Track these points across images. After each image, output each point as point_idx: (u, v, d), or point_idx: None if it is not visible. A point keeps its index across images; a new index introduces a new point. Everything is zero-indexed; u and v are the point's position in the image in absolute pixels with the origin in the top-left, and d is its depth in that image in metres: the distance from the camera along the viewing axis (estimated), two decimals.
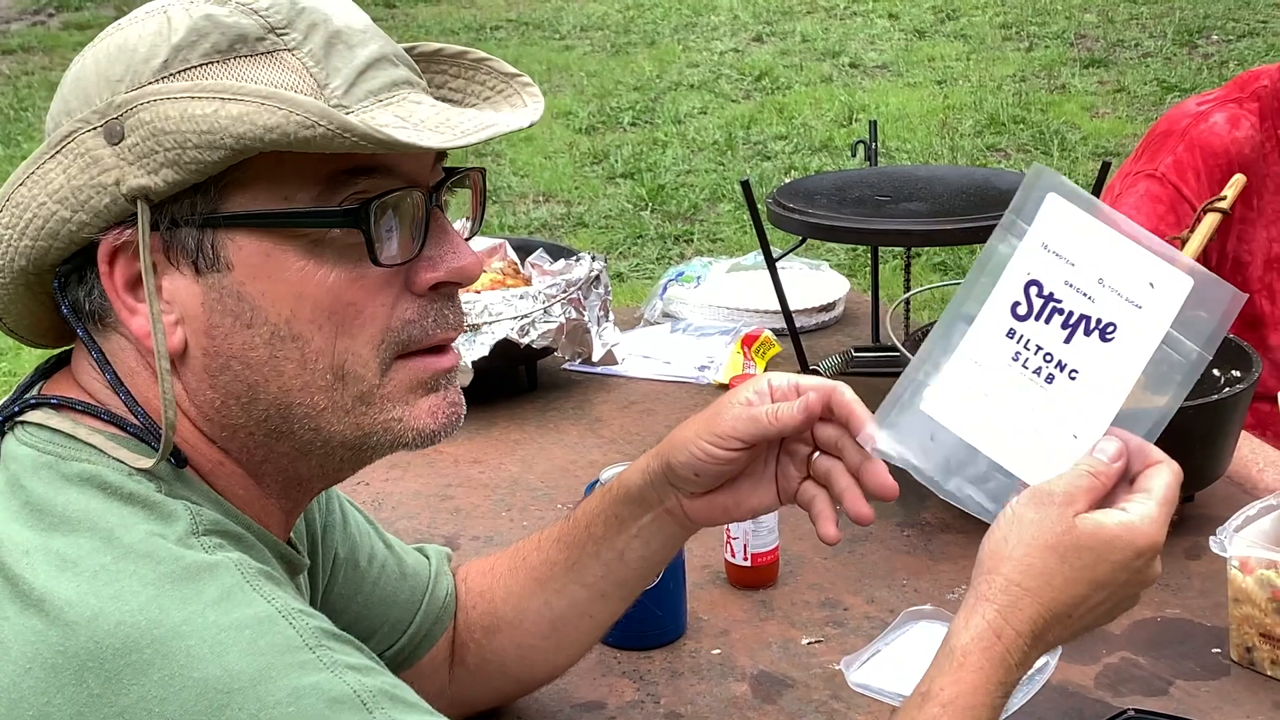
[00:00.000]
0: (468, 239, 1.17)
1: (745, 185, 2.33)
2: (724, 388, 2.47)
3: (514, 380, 2.52)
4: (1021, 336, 1.15)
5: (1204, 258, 2.31)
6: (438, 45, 1.21)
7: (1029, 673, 1.61)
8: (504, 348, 2.34)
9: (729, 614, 1.82)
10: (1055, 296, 1.14)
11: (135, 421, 1.09)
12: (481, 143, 1.08)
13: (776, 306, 2.44)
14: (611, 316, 2.55)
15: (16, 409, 1.12)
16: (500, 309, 2.34)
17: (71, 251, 1.08)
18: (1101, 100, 7.33)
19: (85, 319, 1.11)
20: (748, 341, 2.57)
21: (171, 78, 1.04)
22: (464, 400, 1.18)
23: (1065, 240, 1.14)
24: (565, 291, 2.41)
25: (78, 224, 1.06)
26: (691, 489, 1.34)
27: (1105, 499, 1.17)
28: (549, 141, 6.98)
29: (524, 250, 2.63)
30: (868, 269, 4.35)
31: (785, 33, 8.93)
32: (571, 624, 1.47)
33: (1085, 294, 1.13)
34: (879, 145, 2.73)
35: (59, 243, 1.07)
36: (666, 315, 2.85)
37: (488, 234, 2.70)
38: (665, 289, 2.90)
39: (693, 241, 5.73)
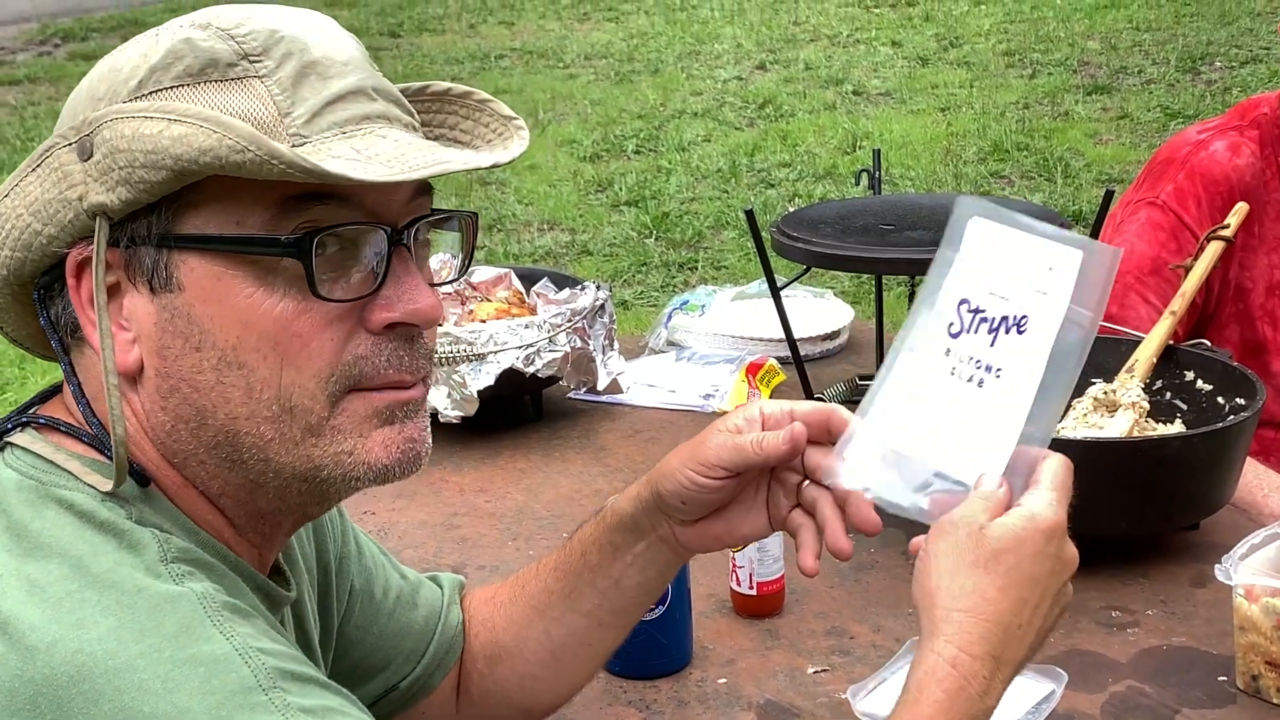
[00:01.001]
0: (455, 279, 1.17)
1: (749, 215, 2.34)
2: None
3: (519, 409, 2.53)
4: (955, 352, 1.21)
5: (1207, 285, 2.32)
6: (447, 85, 1.21)
7: (1034, 700, 1.63)
8: (509, 377, 2.34)
9: (735, 643, 1.82)
10: (980, 308, 1.20)
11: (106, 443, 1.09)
12: (436, 176, 1.06)
13: (781, 335, 2.45)
14: (616, 345, 2.56)
15: (9, 426, 1.13)
16: (505, 338, 2.35)
17: (46, 264, 1.10)
18: (1105, 127, 7.35)
19: (62, 331, 1.12)
20: (752, 370, 2.57)
21: (143, 98, 1.05)
22: (427, 438, 1.15)
23: (986, 255, 1.20)
24: (570, 321, 2.42)
25: (47, 237, 1.08)
26: (681, 516, 1.33)
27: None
28: (553, 170, 7.00)
29: (529, 279, 2.64)
30: (872, 297, 4.36)
31: (788, 61, 8.95)
32: (571, 652, 1.47)
33: (1003, 297, 1.19)
34: (883, 173, 2.73)
35: (32, 255, 1.09)
36: (671, 344, 2.86)
37: (493, 263, 2.71)
38: (670, 317, 2.91)
39: (697, 269, 5.74)
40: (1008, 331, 1.18)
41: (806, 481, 1.30)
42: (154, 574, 1.02)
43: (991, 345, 1.19)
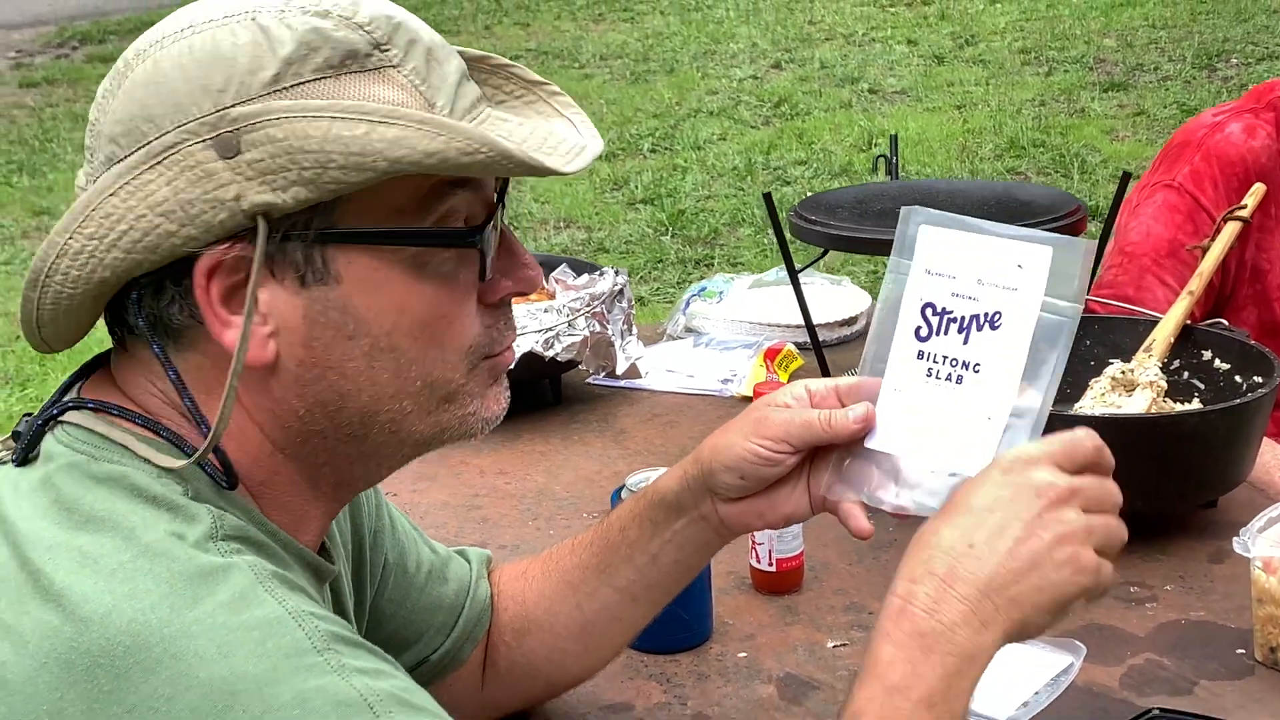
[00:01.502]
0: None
1: (768, 198, 2.35)
2: (747, 400, 2.48)
3: (539, 393, 2.54)
4: (928, 354, 1.25)
5: (1223, 266, 2.32)
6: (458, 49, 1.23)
7: (1053, 673, 1.64)
8: (529, 361, 2.36)
9: (754, 618, 1.83)
10: (947, 309, 1.24)
11: (168, 427, 1.10)
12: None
13: (798, 321, 2.46)
14: (635, 330, 2.57)
15: (56, 411, 1.12)
16: (525, 323, 2.36)
17: (163, 265, 1.05)
18: (1121, 123, 7.34)
19: (159, 331, 1.09)
20: (770, 355, 2.59)
21: (284, 91, 1.03)
22: None
23: (943, 260, 1.25)
24: (589, 305, 2.44)
25: (184, 238, 1.03)
26: (731, 494, 1.34)
27: None
28: None
29: (548, 266, 2.65)
30: None
31: (804, 59, 8.96)
32: (602, 627, 1.48)
33: (970, 296, 1.24)
34: (899, 169, 2.74)
35: (157, 256, 1.04)
36: (689, 330, 2.87)
37: None
38: (688, 304, 2.92)
39: (713, 265, 5.75)
40: (979, 329, 1.23)
41: (848, 460, 1.31)
42: (203, 548, 1.03)
43: (965, 343, 1.23)
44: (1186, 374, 2.13)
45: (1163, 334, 2.09)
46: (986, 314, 1.23)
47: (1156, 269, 2.37)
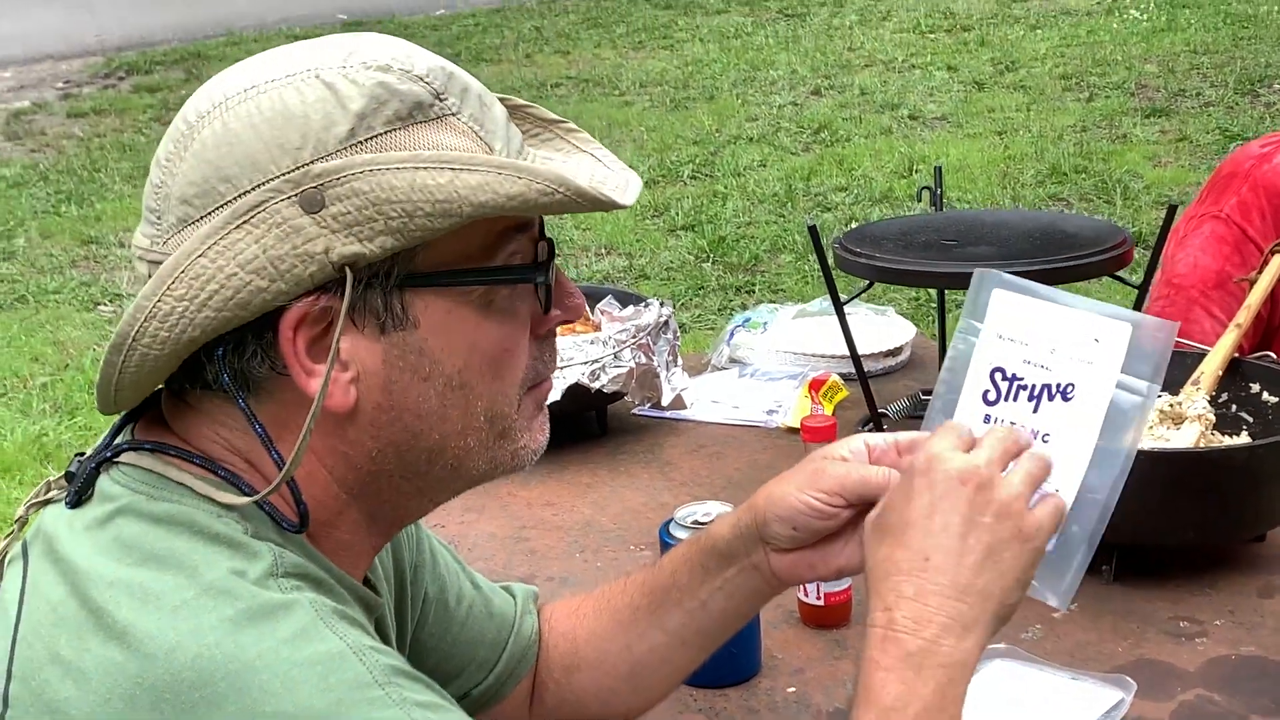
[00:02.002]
0: None
1: (813, 230, 2.35)
2: (793, 431, 2.49)
3: (585, 425, 2.55)
4: (997, 419, 1.24)
5: (1271, 298, 2.31)
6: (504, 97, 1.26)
7: (1104, 709, 1.63)
8: (575, 393, 2.37)
9: (803, 652, 1.84)
10: (1018, 376, 1.24)
11: (228, 469, 1.12)
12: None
13: (843, 351, 2.46)
14: (680, 361, 2.58)
15: (110, 453, 1.14)
16: (571, 354, 2.38)
17: (251, 320, 1.07)
18: (1164, 149, 7.32)
19: (239, 383, 1.10)
20: (815, 386, 2.59)
21: (360, 145, 1.06)
22: None
23: (1016, 325, 1.24)
24: (634, 337, 2.45)
25: (274, 293, 1.05)
26: (783, 544, 1.34)
27: None
28: None
29: (593, 297, 2.66)
30: (933, 315, 4.36)
31: (844, 86, 8.97)
32: (651, 669, 1.48)
33: (1043, 365, 1.23)
34: (943, 192, 2.74)
35: (247, 312, 1.06)
36: (734, 361, 2.88)
37: None
38: (732, 335, 2.93)
39: (754, 292, 5.76)
40: (1051, 399, 1.22)
41: None
42: (264, 585, 1.05)
43: (1034, 412, 1.23)
44: (1234, 407, 2.12)
45: (1210, 367, 2.09)
46: (1059, 385, 1.22)
47: (1204, 301, 2.37)
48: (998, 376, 1.25)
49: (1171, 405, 2.03)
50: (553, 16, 11.84)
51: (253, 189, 1.05)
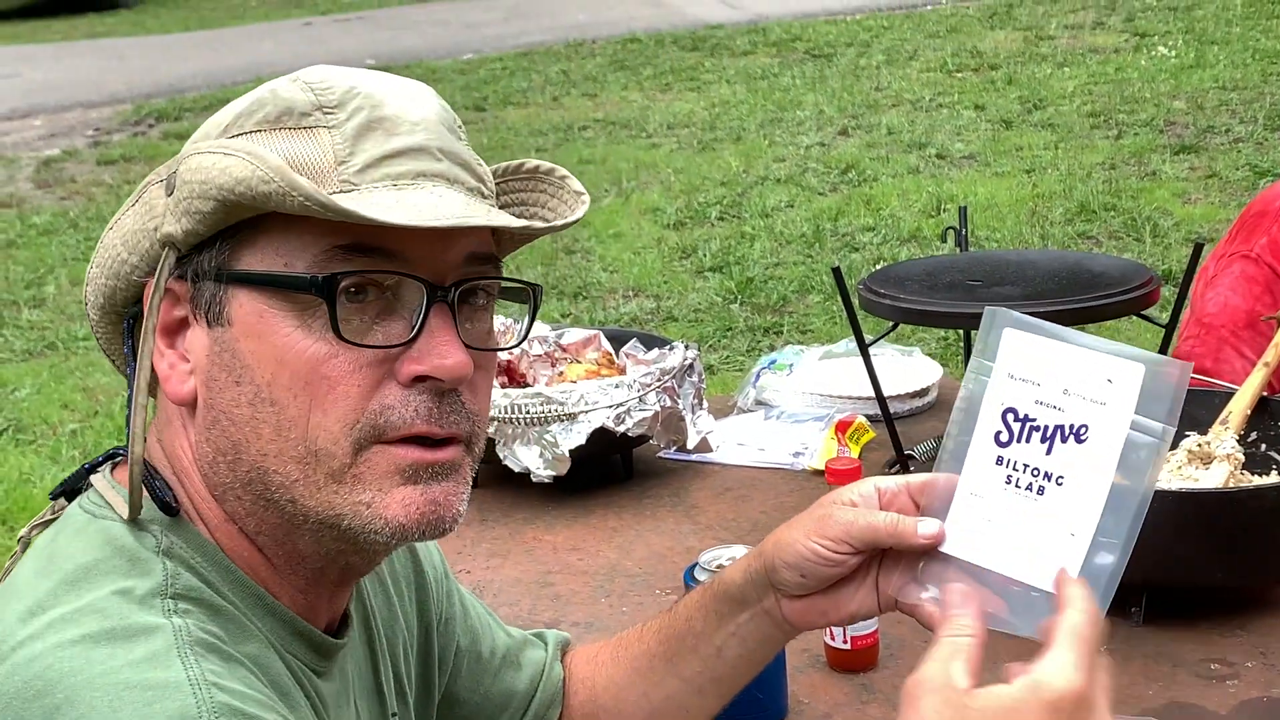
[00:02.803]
0: (513, 346, 1.20)
1: (837, 272, 2.35)
2: (819, 474, 2.48)
3: (610, 468, 2.55)
4: (1009, 460, 1.22)
5: None
6: (537, 163, 1.25)
7: None
8: (600, 436, 2.36)
9: (830, 697, 1.82)
10: (1030, 417, 1.21)
11: (163, 476, 1.15)
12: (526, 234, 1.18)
13: (869, 393, 2.45)
14: (705, 404, 2.57)
15: (87, 466, 1.20)
16: (596, 398, 2.37)
17: (134, 294, 1.17)
18: (1193, 186, 7.29)
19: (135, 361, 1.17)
20: (841, 428, 2.58)
21: (227, 140, 1.11)
22: (456, 503, 1.14)
23: (1027, 365, 1.22)
24: (660, 380, 2.44)
25: (130, 266, 1.16)
26: (793, 590, 1.32)
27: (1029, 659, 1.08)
28: (637, 237, 7.04)
29: (618, 340, 2.66)
30: (959, 356, 4.34)
31: (871, 126, 8.97)
32: (668, 717, 1.47)
33: (1055, 406, 1.20)
34: (969, 234, 2.74)
35: (120, 283, 1.17)
36: (760, 403, 2.87)
37: (581, 326, 2.74)
38: (758, 377, 2.93)
39: (782, 333, 5.75)
40: (1064, 440, 1.20)
41: (923, 564, 1.27)
42: (144, 604, 1.06)
43: (1048, 454, 1.20)
44: (1264, 446, 2.10)
45: (1239, 406, 2.07)
46: (1072, 426, 1.19)
47: (1235, 340, 2.35)
48: (1009, 417, 1.22)
49: (1200, 445, 2.01)
50: (580, 60, 11.89)
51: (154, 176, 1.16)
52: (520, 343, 1.27)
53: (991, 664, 1.13)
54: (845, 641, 1.86)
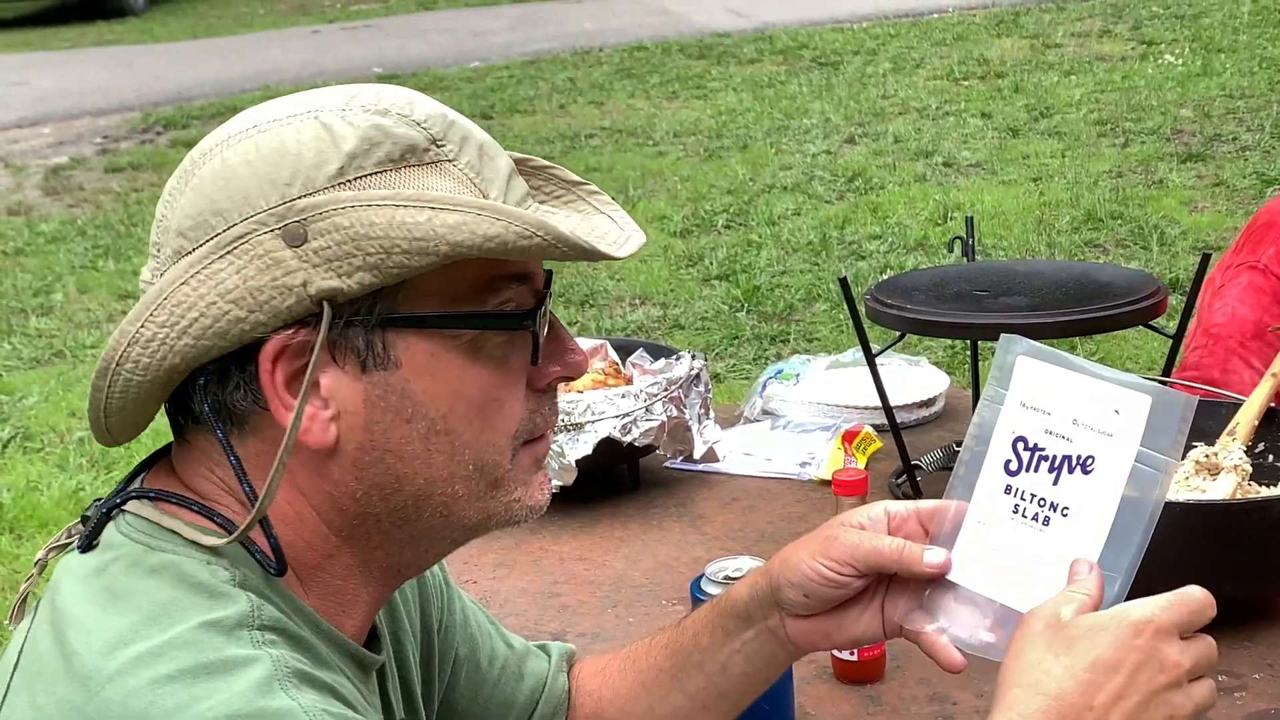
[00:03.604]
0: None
1: (843, 282, 2.35)
2: (825, 484, 2.48)
3: (617, 478, 2.55)
4: (1017, 489, 1.23)
5: None
6: (520, 156, 1.27)
7: None
8: (606, 446, 2.36)
9: (837, 709, 1.82)
10: (1039, 446, 1.22)
11: (223, 513, 1.13)
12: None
13: (876, 402, 2.45)
14: (712, 414, 2.57)
15: (119, 500, 1.16)
16: (602, 408, 2.37)
17: (231, 351, 1.09)
18: (1200, 194, 7.28)
19: (222, 416, 1.12)
20: (848, 438, 2.58)
21: (348, 184, 1.07)
22: None
23: (1039, 394, 1.23)
24: (666, 390, 2.44)
25: (253, 324, 1.07)
26: (797, 610, 1.33)
27: None
28: (644, 245, 7.04)
29: (625, 350, 2.66)
30: (966, 366, 4.34)
31: (877, 134, 8.97)
32: None
33: (1064, 436, 1.21)
34: (975, 242, 2.74)
35: (226, 342, 1.08)
36: (766, 413, 2.87)
37: (587, 335, 2.74)
38: (765, 387, 2.92)
39: (789, 342, 5.75)
40: (1071, 471, 1.20)
41: (929, 590, 1.29)
42: (233, 637, 1.05)
43: (1055, 484, 1.21)
44: (1271, 457, 2.10)
45: (1246, 417, 2.07)
46: (1079, 457, 1.20)
47: (1243, 351, 2.35)
48: (1019, 446, 1.23)
49: (1207, 456, 2.01)
50: (586, 68, 11.90)
51: (240, 221, 1.07)
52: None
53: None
54: (852, 653, 1.86)
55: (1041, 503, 1.21)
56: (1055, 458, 1.21)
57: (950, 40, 11.66)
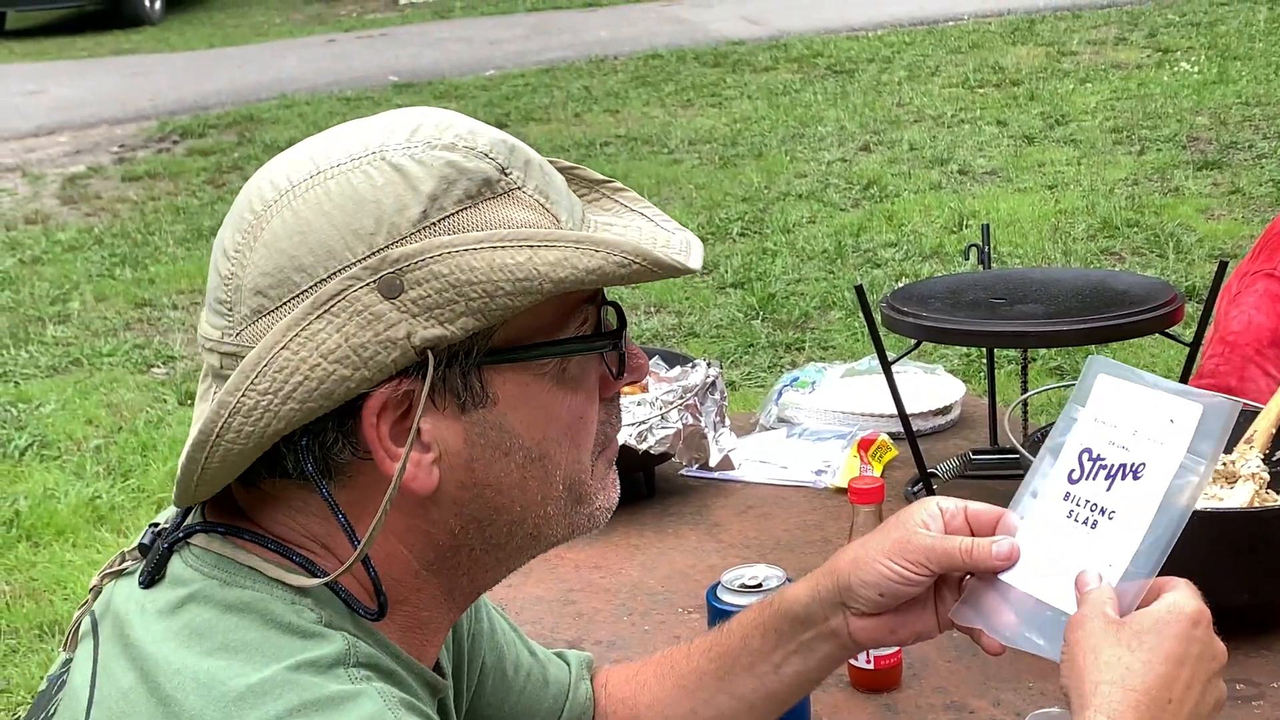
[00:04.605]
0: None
1: (859, 290, 2.35)
2: (841, 492, 2.47)
3: (632, 486, 2.55)
4: (1074, 496, 1.28)
5: None
6: (565, 164, 1.27)
7: None
8: (622, 454, 2.33)
9: (853, 717, 1.82)
10: (1101, 456, 1.28)
11: (301, 553, 1.12)
12: None
13: (892, 410, 2.45)
14: (728, 422, 2.57)
15: (183, 534, 1.14)
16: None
17: (333, 409, 1.07)
18: (1216, 202, 7.27)
19: (319, 470, 1.10)
20: (864, 445, 2.58)
21: (434, 227, 1.06)
22: None
23: (1111, 409, 1.28)
24: (682, 398, 2.44)
25: (358, 380, 1.05)
26: (867, 609, 1.35)
27: None
28: None
29: None
30: (982, 373, 4.33)
31: (893, 141, 8.96)
32: None
33: (1124, 446, 1.27)
34: (991, 250, 2.73)
35: (331, 402, 1.06)
36: (782, 420, 2.87)
37: None
38: (780, 394, 2.92)
39: (804, 349, 5.74)
40: (1124, 478, 1.25)
41: (973, 586, 1.33)
42: (334, 676, 1.04)
43: (1108, 490, 1.26)
44: None
45: (1264, 425, 2.06)
46: (1133, 464, 1.25)
47: (1259, 359, 2.34)
48: (1084, 457, 1.28)
49: (1225, 464, 2.00)
50: (601, 76, 11.91)
51: (329, 277, 1.05)
52: None
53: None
54: (869, 661, 1.86)
55: (1093, 507, 1.26)
56: (1112, 466, 1.26)
57: (965, 48, 11.65)
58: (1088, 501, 1.26)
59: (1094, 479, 1.27)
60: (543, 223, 1.10)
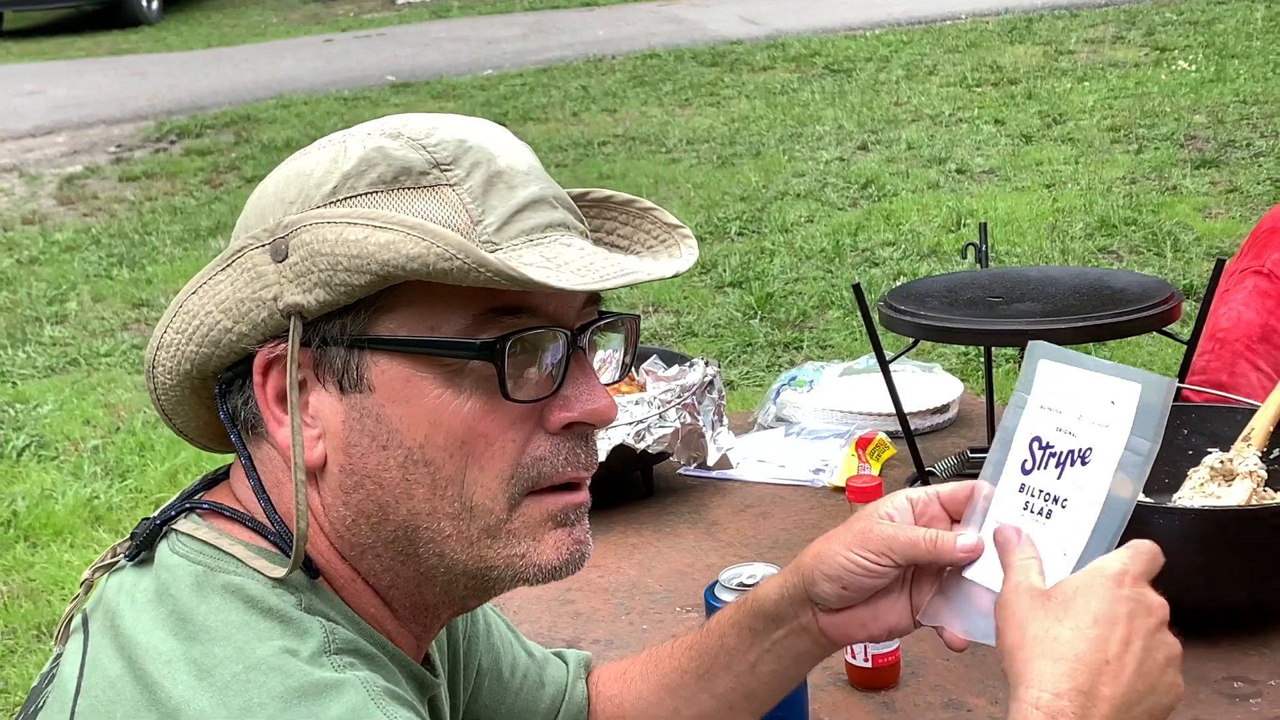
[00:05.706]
0: (617, 380, 1.20)
1: (857, 289, 2.35)
2: (839, 491, 2.47)
3: (630, 485, 2.55)
4: (1029, 487, 1.27)
5: None
6: (608, 193, 1.26)
7: None
8: (620, 453, 2.36)
9: (851, 716, 1.82)
10: (1050, 444, 1.27)
11: (273, 529, 1.13)
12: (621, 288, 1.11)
13: (890, 409, 2.45)
14: (726, 421, 2.57)
15: (174, 513, 1.16)
16: (616, 415, 2.37)
17: (232, 360, 1.14)
18: (1214, 201, 7.27)
19: (241, 426, 1.16)
20: (862, 444, 2.58)
21: (338, 203, 1.09)
22: (590, 539, 1.20)
23: (1055, 395, 1.27)
24: (680, 397, 2.44)
25: (238, 334, 1.11)
26: (832, 603, 1.33)
27: None
28: None
29: (638, 357, 2.66)
30: (980, 372, 4.33)
31: (890, 141, 8.97)
32: None
33: (1070, 432, 1.25)
34: (989, 249, 2.73)
35: (220, 351, 1.13)
36: (780, 419, 2.87)
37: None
38: (778, 393, 2.92)
39: (802, 349, 5.75)
40: (1073, 464, 1.24)
41: (948, 572, 1.32)
42: (316, 663, 1.05)
43: (1059, 478, 1.25)
44: None
45: (1261, 422, 2.07)
46: (1080, 450, 1.24)
47: (1250, 354, 2.35)
48: (1034, 446, 1.27)
49: (1222, 462, 2.01)
50: (599, 75, 11.91)
51: (244, 236, 1.12)
52: (624, 375, 1.27)
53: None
54: (866, 660, 1.86)
55: (1046, 497, 1.25)
56: (1062, 453, 1.25)
57: (963, 47, 11.65)
58: (1041, 491, 1.25)
59: (1045, 468, 1.26)
60: (453, 220, 1.09)
